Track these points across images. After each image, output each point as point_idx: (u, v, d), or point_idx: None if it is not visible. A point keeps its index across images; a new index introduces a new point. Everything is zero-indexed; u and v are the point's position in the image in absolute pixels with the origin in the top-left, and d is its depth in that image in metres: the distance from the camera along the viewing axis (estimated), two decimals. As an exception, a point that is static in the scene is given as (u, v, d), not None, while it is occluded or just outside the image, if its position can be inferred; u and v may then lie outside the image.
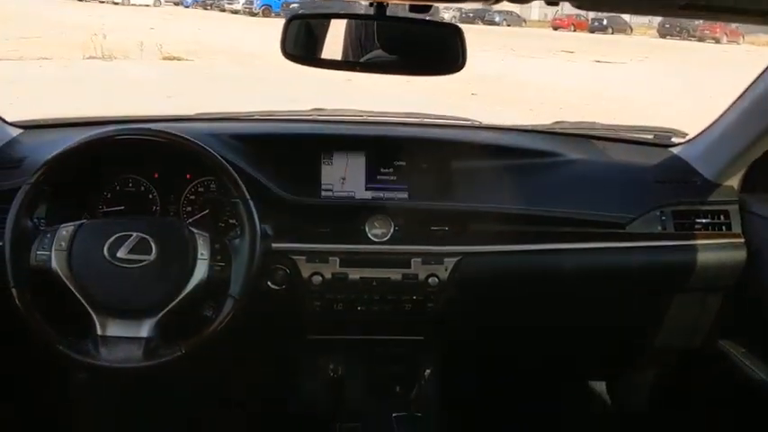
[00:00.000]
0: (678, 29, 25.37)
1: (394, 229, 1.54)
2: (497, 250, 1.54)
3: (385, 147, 1.63)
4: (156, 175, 1.60)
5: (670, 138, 1.88)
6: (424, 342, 1.61)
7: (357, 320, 1.56)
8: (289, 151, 1.61)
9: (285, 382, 1.66)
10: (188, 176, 1.61)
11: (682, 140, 1.85)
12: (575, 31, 27.26)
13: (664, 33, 26.22)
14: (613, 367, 1.99)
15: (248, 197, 1.34)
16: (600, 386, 2.18)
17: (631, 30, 27.35)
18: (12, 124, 1.70)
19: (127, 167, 1.59)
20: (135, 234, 1.30)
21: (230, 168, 1.36)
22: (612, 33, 26.49)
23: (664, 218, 1.61)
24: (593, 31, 26.91)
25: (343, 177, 1.62)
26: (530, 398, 1.98)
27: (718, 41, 24.15)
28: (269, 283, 1.49)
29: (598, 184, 1.67)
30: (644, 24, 27.90)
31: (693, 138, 1.81)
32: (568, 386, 2.16)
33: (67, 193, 1.48)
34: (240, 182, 1.35)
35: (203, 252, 1.32)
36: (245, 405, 1.96)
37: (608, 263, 1.59)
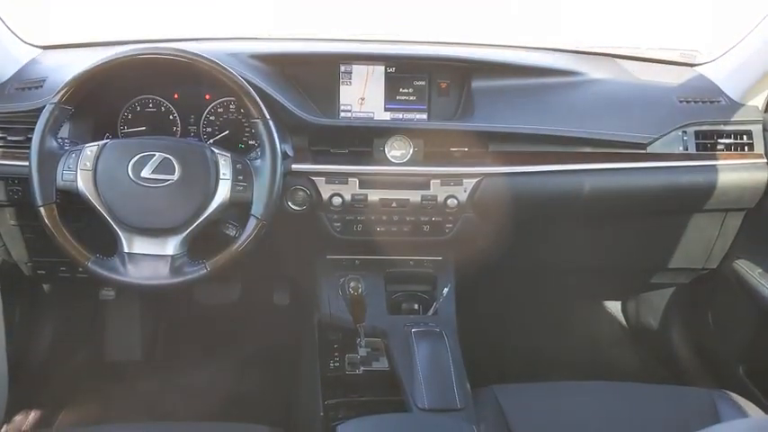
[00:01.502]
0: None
1: (413, 151, 1.54)
2: (517, 171, 1.54)
3: (404, 65, 1.61)
4: (176, 96, 1.60)
5: (695, 56, 1.84)
6: (443, 262, 1.64)
7: (376, 241, 1.58)
8: (308, 69, 1.60)
9: (306, 299, 1.71)
10: (207, 97, 1.61)
11: (708, 60, 1.82)
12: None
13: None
14: (628, 287, 2.02)
15: (268, 117, 1.34)
16: (614, 306, 2.22)
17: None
18: (31, 44, 1.70)
19: (147, 88, 1.59)
20: (158, 154, 1.32)
21: (250, 89, 1.36)
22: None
23: (686, 138, 1.60)
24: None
25: (362, 98, 1.62)
26: (543, 316, 2.02)
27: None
28: (289, 203, 1.51)
29: (620, 105, 1.64)
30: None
31: (719, 57, 1.77)
32: (582, 305, 2.20)
33: (89, 112, 1.49)
34: (260, 102, 1.35)
35: (225, 172, 1.33)
36: (267, 319, 2.03)
37: (628, 183, 1.58)
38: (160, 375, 1.98)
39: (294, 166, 1.49)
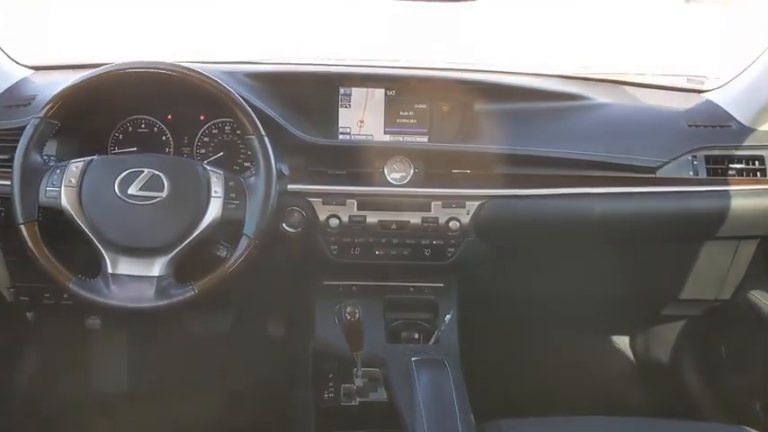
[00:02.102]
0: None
1: (414, 172, 1.48)
2: (522, 194, 1.48)
3: (405, 87, 1.56)
4: (170, 117, 1.56)
5: (703, 82, 1.80)
6: (444, 289, 1.57)
7: (375, 266, 1.51)
8: (305, 90, 1.55)
9: (301, 328, 1.63)
10: (202, 118, 1.57)
11: (715, 86, 1.78)
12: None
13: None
14: (638, 319, 1.94)
15: (263, 134, 1.29)
16: (622, 341, 2.14)
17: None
18: (23, 65, 1.66)
19: (139, 108, 1.55)
20: (147, 170, 1.26)
21: (245, 104, 1.31)
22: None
23: (696, 162, 1.54)
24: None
25: (361, 120, 1.57)
26: (549, 349, 1.94)
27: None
28: (284, 225, 1.44)
29: (628, 128, 1.60)
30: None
31: (727, 82, 1.73)
32: (590, 337, 2.11)
33: (78, 131, 1.44)
34: (255, 118, 1.30)
35: (217, 190, 1.28)
36: (259, 350, 1.95)
37: (638, 208, 1.52)
38: (147, 408, 1.89)
39: (290, 187, 1.44)
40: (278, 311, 2.03)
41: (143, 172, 1.26)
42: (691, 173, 1.54)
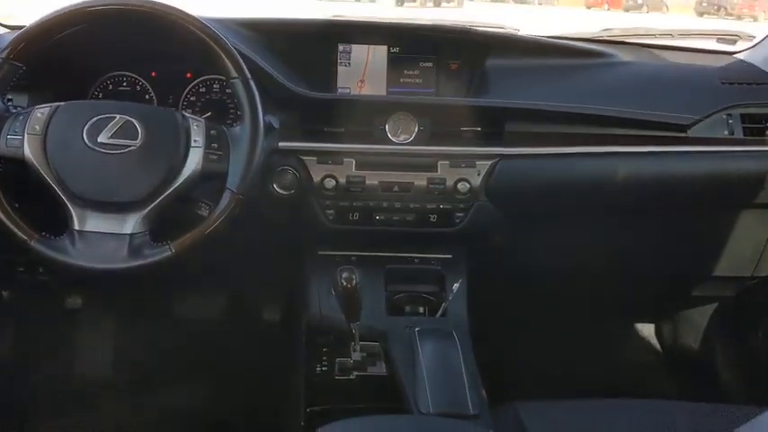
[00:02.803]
0: (716, 7, 24.29)
1: (418, 130, 1.34)
2: (540, 152, 1.34)
3: (409, 44, 1.43)
4: (154, 74, 1.43)
5: (735, 42, 1.66)
6: (452, 261, 1.42)
7: (375, 234, 1.37)
8: (302, 46, 1.41)
9: (294, 301, 1.49)
10: (188, 75, 1.44)
11: (748, 45, 1.64)
12: (608, 9, 26.28)
13: (701, 12, 25.17)
14: (666, 300, 1.78)
15: (248, 76, 1.15)
16: (647, 328, 1.98)
17: (667, 8, 26.25)
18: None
19: (120, 64, 1.42)
20: (119, 116, 1.13)
21: (229, 44, 1.17)
22: (648, 12, 25.46)
23: (731, 121, 1.40)
24: (627, 10, 25.87)
25: (362, 80, 1.44)
26: (569, 332, 1.78)
27: (755, 19, 23.17)
28: (275, 186, 1.31)
29: (655, 85, 1.45)
30: (680, 4, 26.76)
31: (761, 40, 1.59)
32: (612, 323, 1.96)
33: (52, 89, 1.31)
34: (240, 60, 1.16)
35: (197, 139, 1.14)
36: (252, 324, 1.81)
37: (667, 170, 1.38)
38: (133, 396, 1.75)
39: (282, 144, 1.30)
40: (272, 291, 1.89)
41: (114, 118, 1.12)
42: (726, 132, 1.39)
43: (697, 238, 1.53)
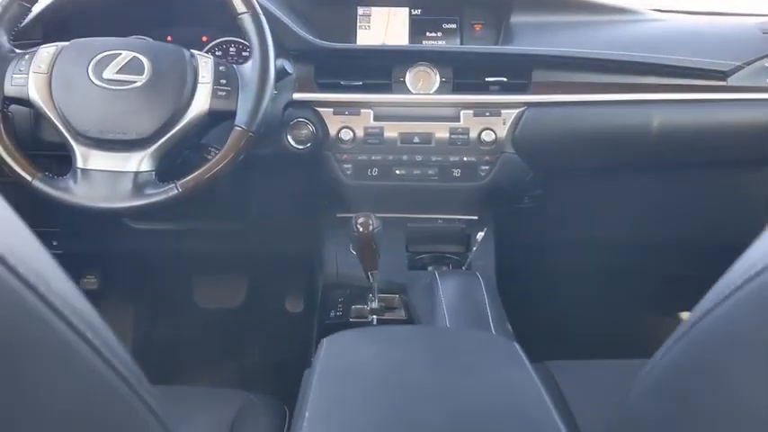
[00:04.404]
0: None
1: (440, 82, 1.28)
2: (569, 100, 1.26)
3: (431, 4, 1.38)
4: (170, 38, 1.40)
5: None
6: (478, 222, 1.33)
7: (396, 191, 1.30)
8: (321, 7, 1.38)
9: (312, 258, 1.41)
10: (204, 39, 1.41)
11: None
12: None
13: None
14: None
15: (259, 11, 1.11)
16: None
17: None
18: None
19: (135, 28, 1.40)
20: (126, 52, 1.09)
21: None
22: None
23: None
24: None
25: (383, 43, 1.39)
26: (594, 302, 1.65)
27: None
28: (290, 140, 1.25)
29: (692, 35, 1.37)
30: None
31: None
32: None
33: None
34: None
35: (205, 75, 1.09)
36: (274, 315, 1.73)
37: (707, 119, 1.28)
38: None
39: (296, 96, 1.25)
40: (298, 287, 1.82)
41: (121, 54, 1.09)
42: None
43: (740, 200, 1.42)
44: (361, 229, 1.06)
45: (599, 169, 1.34)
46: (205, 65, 1.10)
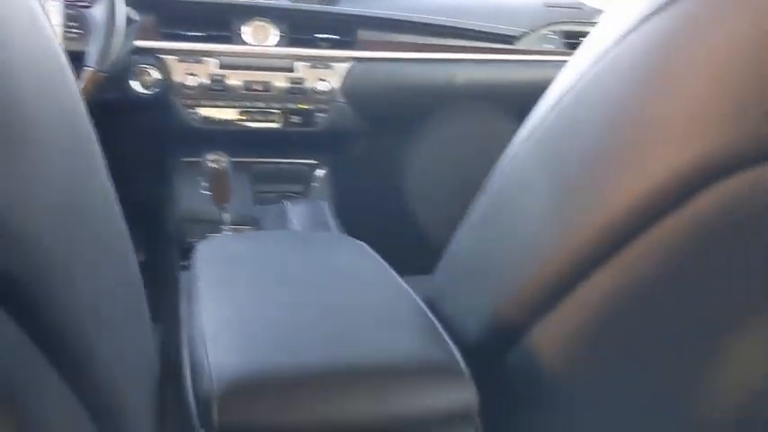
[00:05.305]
0: None
1: (277, 36, 1.41)
2: (392, 57, 1.46)
3: None
4: None
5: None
6: (318, 166, 1.50)
7: (241, 137, 1.42)
8: None
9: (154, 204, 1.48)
10: None
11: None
12: None
13: None
14: None
15: None
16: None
17: None
18: None
19: None
20: None
21: None
22: None
23: (555, 37, 1.60)
24: None
25: None
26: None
27: None
28: (135, 84, 1.32)
29: (490, 6, 1.63)
30: None
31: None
32: None
33: None
34: None
35: (54, 18, 1.13)
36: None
37: (499, 77, 1.54)
38: None
39: (139, 43, 1.31)
40: (137, 237, 1.83)
41: None
42: (551, 46, 1.59)
43: None
44: (214, 165, 1.18)
45: (417, 119, 1.56)
46: (54, 8, 1.14)
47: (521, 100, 1.56)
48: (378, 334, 0.55)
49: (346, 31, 1.45)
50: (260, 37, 1.40)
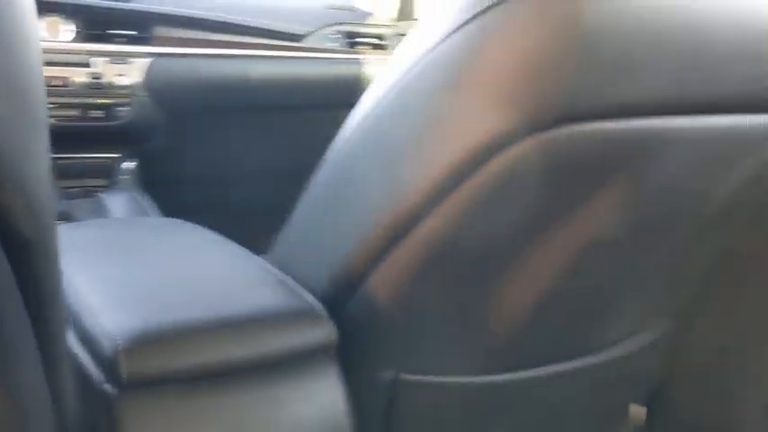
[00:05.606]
0: None
1: (75, 32, 1.45)
2: (189, 53, 1.56)
3: None
4: None
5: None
6: (122, 159, 1.56)
7: None
8: None
9: None
10: None
11: None
12: None
13: None
14: None
15: None
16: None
17: None
18: None
19: None
20: None
21: None
22: None
23: (338, 36, 1.80)
24: None
25: None
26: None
27: None
28: None
29: (278, 6, 1.79)
30: None
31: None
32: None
33: None
34: None
35: None
36: None
37: (289, 72, 1.72)
38: None
39: None
40: None
41: None
42: (336, 45, 1.79)
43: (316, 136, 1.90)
44: None
45: (218, 112, 1.68)
46: None
47: (307, 93, 1.76)
48: (245, 291, 0.70)
49: (142, 27, 1.52)
50: (55, 32, 1.43)
